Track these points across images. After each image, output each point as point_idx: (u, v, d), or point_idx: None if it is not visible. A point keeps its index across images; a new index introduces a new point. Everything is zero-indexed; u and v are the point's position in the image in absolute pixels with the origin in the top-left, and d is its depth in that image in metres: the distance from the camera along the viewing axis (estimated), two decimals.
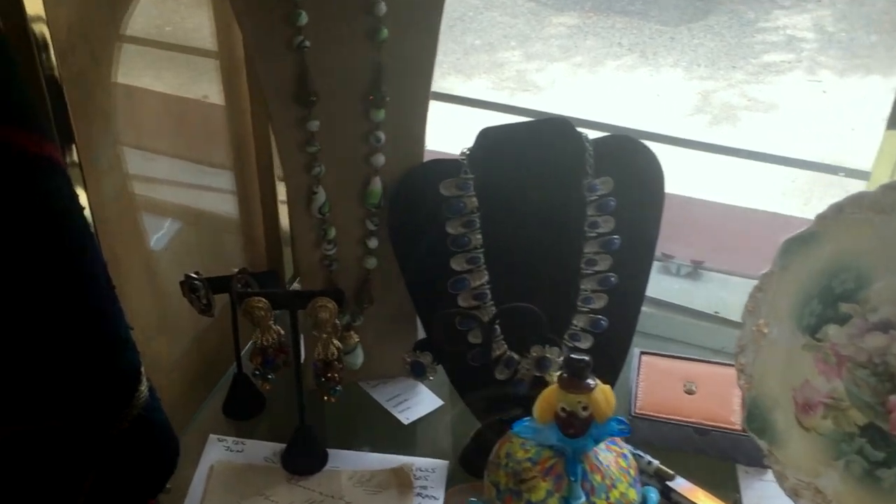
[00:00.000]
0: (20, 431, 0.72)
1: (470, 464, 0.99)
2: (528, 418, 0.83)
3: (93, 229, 0.76)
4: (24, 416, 0.70)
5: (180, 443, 0.82)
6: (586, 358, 0.78)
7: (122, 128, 0.93)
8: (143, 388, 0.72)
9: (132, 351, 0.71)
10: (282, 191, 1.23)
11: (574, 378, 0.78)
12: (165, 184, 1.06)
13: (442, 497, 0.96)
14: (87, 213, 0.73)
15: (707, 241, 1.31)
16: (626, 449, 0.85)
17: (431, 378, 0.95)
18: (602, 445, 0.82)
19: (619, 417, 0.79)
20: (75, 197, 0.66)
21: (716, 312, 1.21)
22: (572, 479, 0.80)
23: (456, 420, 1.06)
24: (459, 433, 1.04)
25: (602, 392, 0.78)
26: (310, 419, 0.98)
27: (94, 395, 0.70)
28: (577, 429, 0.79)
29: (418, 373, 0.94)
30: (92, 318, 0.66)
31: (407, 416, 1.06)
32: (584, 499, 0.80)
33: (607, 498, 0.81)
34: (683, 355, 1.08)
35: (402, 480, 0.98)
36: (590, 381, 0.78)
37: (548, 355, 0.92)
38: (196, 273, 0.96)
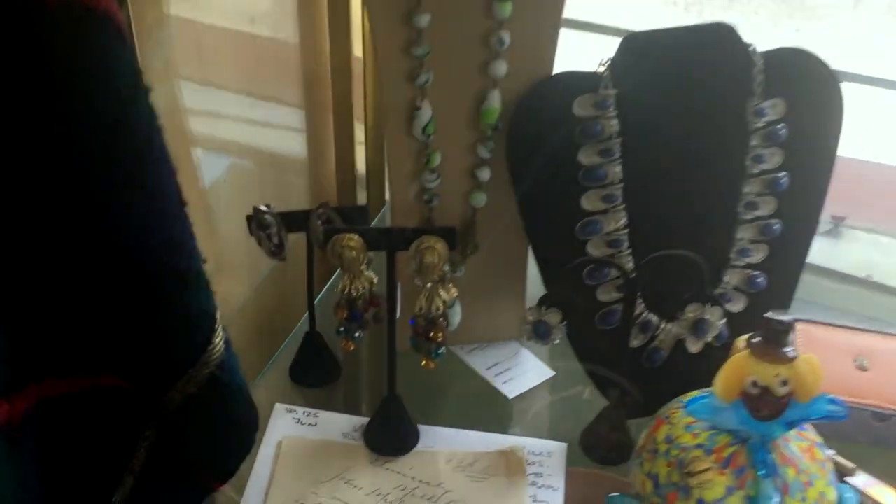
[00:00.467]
0: (56, 395, 0.54)
1: (595, 448, 0.82)
2: (704, 393, 0.65)
3: None
4: (65, 368, 0.52)
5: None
6: (788, 318, 0.60)
7: (178, 29, 0.75)
8: (219, 340, 0.54)
9: (205, 290, 0.53)
10: (360, 132, 1.05)
11: (771, 344, 0.60)
12: (222, 116, 0.89)
13: (562, 486, 0.79)
14: None
15: (848, 194, 1.11)
16: (819, 437, 0.67)
17: (556, 342, 0.76)
18: (792, 433, 0.64)
19: (831, 396, 0.61)
20: (140, 76, 0.47)
21: (867, 276, 1.02)
22: (761, 473, 0.62)
23: (571, 395, 0.88)
24: (577, 410, 0.86)
25: (807, 363, 0.60)
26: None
27: (154, 347, 0.53)
28: (772, 409, 0.61)
29: (542, 335, 0.75)
30: (158, 240, 0.48)
31: (511, 388, 0.88)
32: (777, 499, 0.61)
33: (803, 499, 0.63)
34: (847, 324, 0.89)
35: (512, 465, 0.80)
36: (790, 349, 0.60)
37: (708, 317, 0.74)
38: (267, 206, 0.78)
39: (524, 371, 0.90)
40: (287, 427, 0.84)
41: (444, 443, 0.83)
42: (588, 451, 0.82)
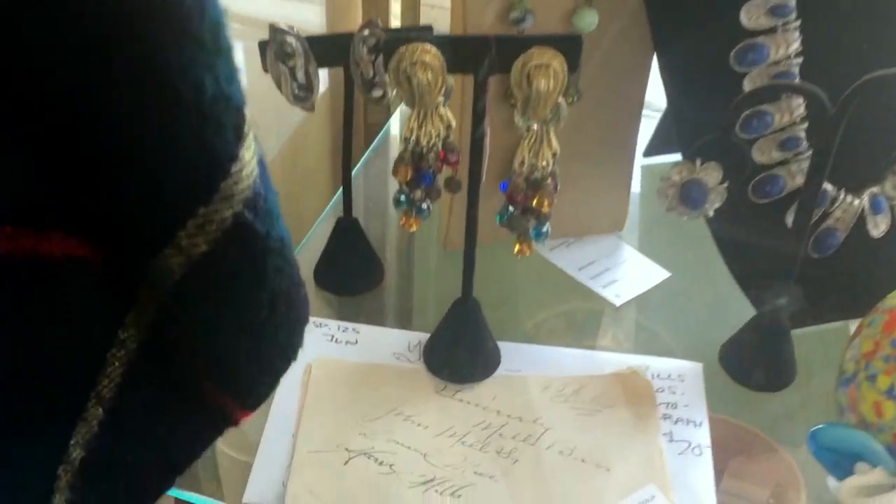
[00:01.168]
0: None
1: (744, 368, 0.59)
2: None
3: None
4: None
5: None
6: None
7: None
8: (250, 156, 0.30)
9: (226, 58, 0.29)
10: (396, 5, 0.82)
11: None
12: None
13: (705, 421, 0.56)
14: None
15: None
16: None
17: (710, 213, 0.53)
18: None
19: None
20: None
21: None
22: None
23: (698, 299, 0.66)
24: (710, 319, 0.64)
25: None
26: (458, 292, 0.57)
27: (135, 164, 0.29)
28: None
29: (694, 201, 0.52)
30: None
31: (616, 293, 0.65)
32: None
33: None
34: None
35: (635, 392, 0.58)
36: None
37: None
38: (290, 27, 0.53)
39: (629, 271, 0.67)
40: (317, 346, 0.61)
41: (535, 364, 0.60)
42: (735, 372, 0.60)
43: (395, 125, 0.81)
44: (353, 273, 0.65)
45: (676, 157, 0.57)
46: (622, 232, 0.70)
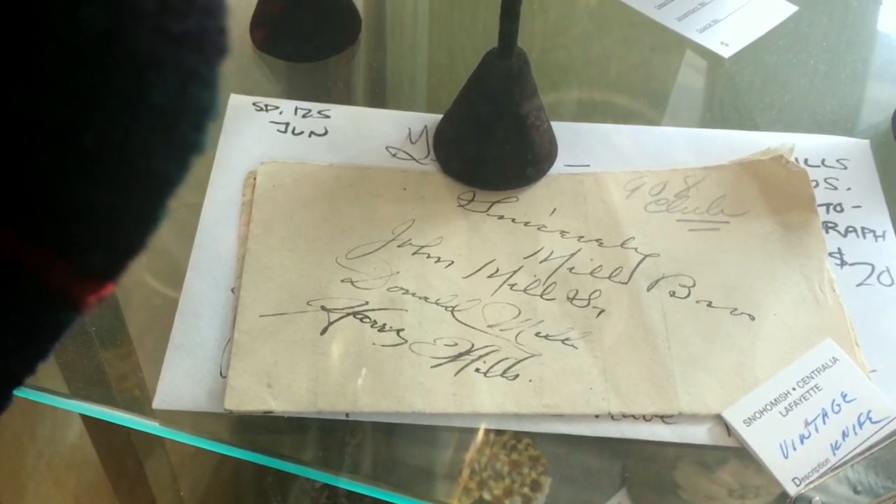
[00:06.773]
0: None
1: None
2: None
3: None
4: None
5: None
6: None
7: None
8: None
9: None
10: None
11: None
12: None
13: (889, 228, 0.36)
14: None
15: None
16: None
17: None
18: None
19: None
20: None
21: None
22: None
23: (848, 41, 0.43)
24: (864, 72, 0.42)
25: None
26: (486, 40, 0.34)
27: None
28: None
29: None
30: None
31: (721, 39, 0.42)
32: None
33: None
34: None
35: (778, 187, 0.37)
36: None
37: None
38: None
39: (736, 6, 0.44)
40: (263, 139, 0.38)
41: (612, 154, 0.38)
42: None
43: None
44: (313, 27, 0.41)
45: None
46: None
